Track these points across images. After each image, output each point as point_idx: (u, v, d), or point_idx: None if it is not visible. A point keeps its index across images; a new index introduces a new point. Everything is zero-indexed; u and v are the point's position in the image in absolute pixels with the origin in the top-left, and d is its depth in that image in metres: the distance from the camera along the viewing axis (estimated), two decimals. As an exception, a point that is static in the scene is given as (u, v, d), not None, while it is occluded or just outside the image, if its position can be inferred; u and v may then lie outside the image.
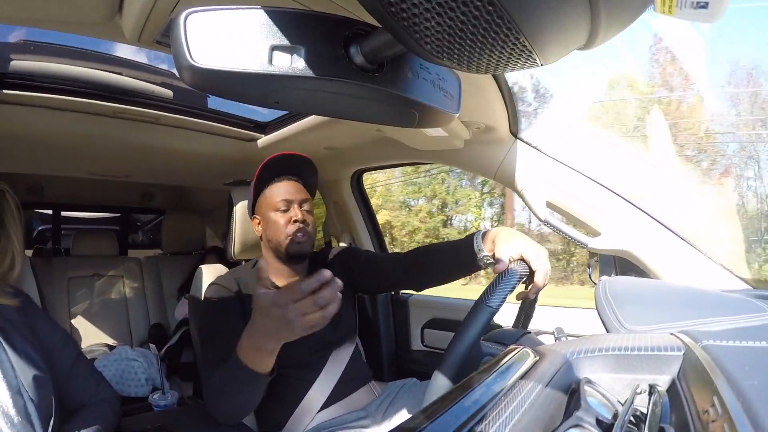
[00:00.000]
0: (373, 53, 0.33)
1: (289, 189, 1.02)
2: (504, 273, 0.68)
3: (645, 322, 0.64)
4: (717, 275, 0.89)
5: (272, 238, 1.02)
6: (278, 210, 1.00)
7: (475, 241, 0.84)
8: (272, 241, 1.02)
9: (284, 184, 1.02)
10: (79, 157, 1.52)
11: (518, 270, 0.69)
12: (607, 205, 0.97)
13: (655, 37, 7.77)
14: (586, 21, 0.24)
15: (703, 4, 0.25)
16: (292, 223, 0.99)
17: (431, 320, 1.51)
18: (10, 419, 0.64)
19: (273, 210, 1.01)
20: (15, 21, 0.70)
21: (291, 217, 1.00)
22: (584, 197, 0.99)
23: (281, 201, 1.00)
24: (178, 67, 0.29)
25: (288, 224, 0.99)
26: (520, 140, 1.06)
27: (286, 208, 1.01)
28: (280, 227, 1.00)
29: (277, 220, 1.00)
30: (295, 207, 1.01)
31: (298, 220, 0.99)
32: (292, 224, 0.99)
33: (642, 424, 0.38)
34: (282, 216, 1.00)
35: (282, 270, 1.05)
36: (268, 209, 1.02)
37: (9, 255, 0.77)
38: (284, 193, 1.01)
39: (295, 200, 1.01)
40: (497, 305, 0.62)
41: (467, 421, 0.34)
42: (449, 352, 0.60)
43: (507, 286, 0.65)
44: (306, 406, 0.95)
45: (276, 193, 1.01)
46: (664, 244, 0.92)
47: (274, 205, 1.01)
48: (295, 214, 1.00)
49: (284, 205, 1.00)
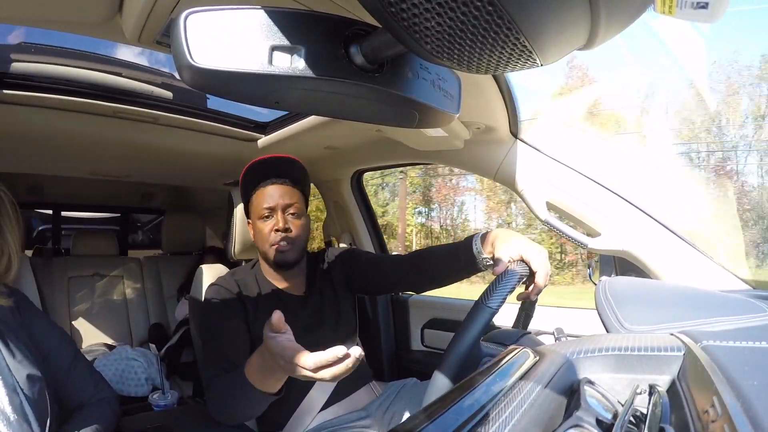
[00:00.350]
0: (373, 53, 0.33)
1: (273, 194, 0.99)
2: (503, 274, 0.67)
3: (645, 322, 0.64)
4: (717, 275, 0.89)
5: (258, 246, 1.01)
6: (262, 217, 0.99)
7: (474, 243, 0.84)
8: (260, 250, 1.02)
9: (269, 189, 1.00)
10: (79, 157, 1.52)
11: (518, 270, 0.68)
12: (607, 205, 0.97)
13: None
14: (586, 21, 0.24)
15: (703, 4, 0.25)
16: (274, 232, 0.98)
17: (431, 320, 1.51)
18: (7, 418, 0.64)
19: (257, 218, 1.00)
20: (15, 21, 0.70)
21: (274, 225, 0.98)
22: (584, 197, 0.99)
23: (264, 209, 0.98)
24: (178, 67, 0.29)
25: (270, 233, 0.98)
26: (520, 140, 1.06)
27: (269, 216, 0.99)
28: (264, 236, 0.99)
29: (261, 229, 0.99)
30: (278, 214, 0.98)
31: (280, 229, 0.97)
32: (274, 233, 0.98)
33: (642, 424, 0.38)
34: (265, 224, 0.99)
35: (276, 273, 1.05)
36: (254, 216, 1.01)
37: (5, 255, 0.77)
38: (267, 199, 0.99)
39: (278, 206, 0.98)
40: (497, 306, 0.62)
41: (467, 421, 0.34)
42: (449, 353, 0.60)
43: (506, 287, 0.64)
44: (306, 406, 0.95)
45: (259, 201, 1.00)
46: (664, 244, 0.92)
47: (258, 212, 0.99)
48: (276, 223, 0.98)
49: (267, 212, 0.98)
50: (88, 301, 2.12)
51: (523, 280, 0.71)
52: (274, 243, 0.98)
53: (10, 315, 0.76)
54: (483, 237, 0.83)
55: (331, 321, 1.05)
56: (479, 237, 0.84)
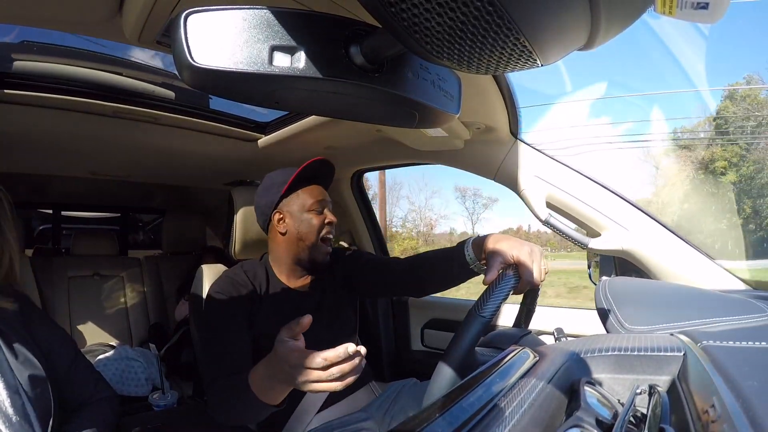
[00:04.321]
0: (373, 53, 0.33)
1: (323, 193, 1.05)
2: (496, 281, 0.65)
3: (645, 322, 0.64)
4: (717, 275, 0.89)
5: (304, 236, 1.02)
6: (313, 210, 1.02)
7: (466, 250, 0.82)
8: (304, 240, 1.02)
9: (317, 188, 1.05)
10: (80, 157, 1.52)
11: (511, 275, 0.66)
12: (607, 205, 0.97)
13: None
14: (586, 21, 0.24)
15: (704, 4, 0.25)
16: (326, 225, 1.02)
17: (431, 320, 1.51)
18: (9, 419, 0.64)
19: (307, 210, 1.02)
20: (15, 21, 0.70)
21: (325, 218, 1.02)
22: (584, 197, 0.99)
23: (317, 202, 1.02)
24: (178, 67, 0.29)
25: (321, 225, 1.02)
26: (520, 140, 1.06)
27: (321, 210, 1.03)
28: (314, 227, 1.01)
29: (312, 220, 1.02)
30: (327, 210, 1.04)
31: (332, 222, 1.03)
32: (326, 225, 1.02)
33: (642, 424, 0.38)
34: (316, 217, 1.02)
35: (294, 270, 1.05)
36: (302, 208, 1.03)
37: (6, 255, 0.77)
38: (318, 194, 1.03)
39: (327, 203, 1.04)
40: (490, 315, 0.60)
41: (467, 421, 0.34)
42: (441, 367, 0.58)
43: (500, 295, 0.63)
44: (305, 406, 0.95)
45: (313, 194, 1.03)
46: (664, 244, 0.92)
47: (310, 205, 1.02)
48: (327, 216, 1.03)
49: (319, 207, 1.03)
50: (88, 301, 2.12)
51: (518, 283, 0.69)
52: (326, 235, 1.02)
53: (12, 316, 0.77)
54: (475, 242, 0.81)
55: (331, 320, 1.05)
56: (470, 243, 0.82)
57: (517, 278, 0.67)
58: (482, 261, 0.80)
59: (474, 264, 0.81)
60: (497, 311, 0.62)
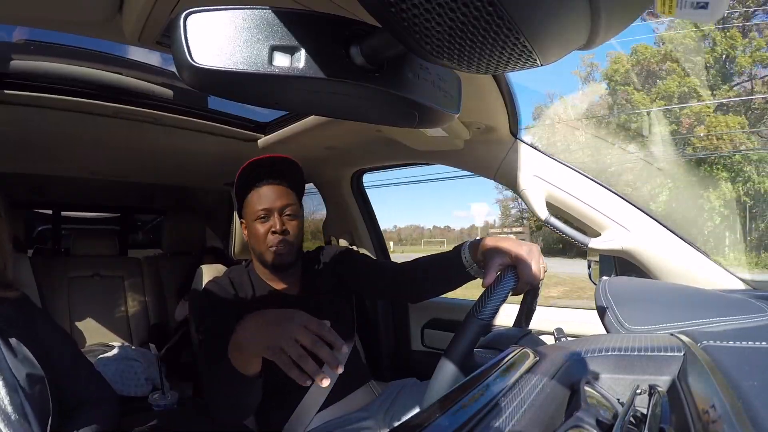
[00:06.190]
0: (374, 53, 0.33)
1: (270, 195, 0.98)
2: (493, 284, 0.65)
3: (645, 322, 0.64)
4: (717, 275, 0.89)
5: (254, 247, 1.00)
6: (258, 219, 0.98)
7: (463, 253, 0.81)
8: (255, 251, 1.01)
9: (265, 190, 0.99)
10: (80, 157, 1.53)
11: (510, 276, 0.66)
12: (607, 205, 0.97)
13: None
14: (586, 21, 0.24)
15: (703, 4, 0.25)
16: (272, 234, 0.97)
17: (431, 320, 1.51)
18: (7, 417, 0.64)
19: (253, 219, 0.99)
20: (15, 21, 0.70)
21: (270, 227, 0.97)
22: (584, 197, 0.99)
23: (261, 210, 0.97)
24: (177, 67, 0.29)
25: (267, 235, 0.97)
26: (520, 140, 1.06)
27: (266, 217, 0.98)
28: (260, 238, 0.97)
29: (258, 231, 0.98)
30: (275, 216, 0.98)
31: (277, 231, 0.97)
32: (272, 235, 0.97)
33: (642, 424, 0.38)
34: (262, 226, 0.98)
35: (271, 274, 1.04)
36: (249, 218, 1.00)
37: None
38: (264, 201, 0.98)
39: (274, 208, 0.98)
40: (488, 318, 0.60)
41: (467, 421, 0.34)
42: (439, 371, 0.58)
43: (498, 298, 0.62)
44: (305, 407, 0.95)
45: (256, 202, 0.98)
46: (664, 244, 0.92)
47: (254, 213, 0.98)
48: (274, 224, 0.97)
49: (263, 214, 0.97)
50: (88, 301, 2.12)
51: (517, 283, 0.69)
52: (271, 245, 0.97)
53: (13, 315, 0.77)
54: (473, 245, 0.81)
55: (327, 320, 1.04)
56: (467, 246, 0.81)
57: (515, 279, 0.67)
58: (480, 264, 0.79)
59: (471, 267, 0.80)
60: (496, 314, 0.62)
